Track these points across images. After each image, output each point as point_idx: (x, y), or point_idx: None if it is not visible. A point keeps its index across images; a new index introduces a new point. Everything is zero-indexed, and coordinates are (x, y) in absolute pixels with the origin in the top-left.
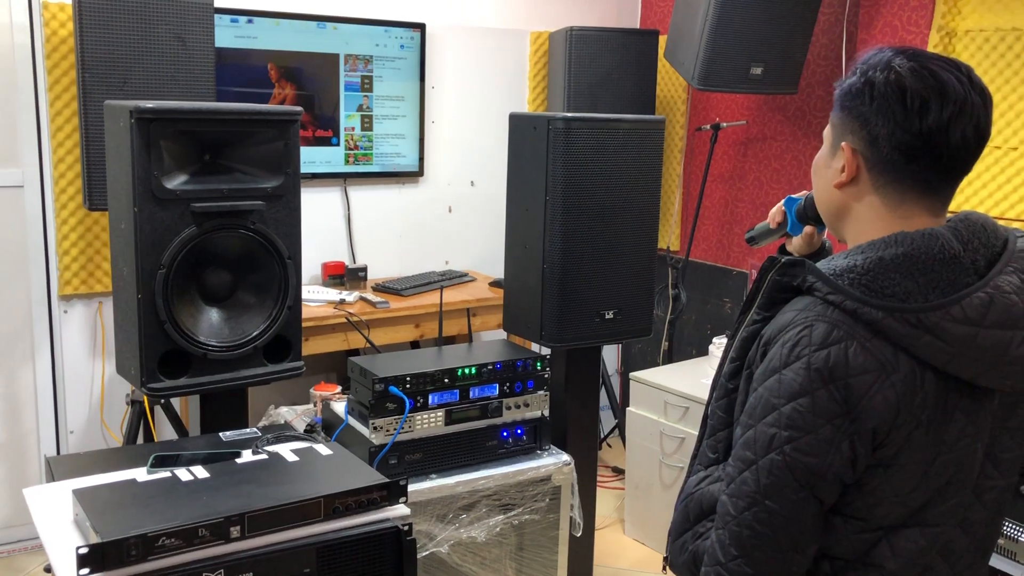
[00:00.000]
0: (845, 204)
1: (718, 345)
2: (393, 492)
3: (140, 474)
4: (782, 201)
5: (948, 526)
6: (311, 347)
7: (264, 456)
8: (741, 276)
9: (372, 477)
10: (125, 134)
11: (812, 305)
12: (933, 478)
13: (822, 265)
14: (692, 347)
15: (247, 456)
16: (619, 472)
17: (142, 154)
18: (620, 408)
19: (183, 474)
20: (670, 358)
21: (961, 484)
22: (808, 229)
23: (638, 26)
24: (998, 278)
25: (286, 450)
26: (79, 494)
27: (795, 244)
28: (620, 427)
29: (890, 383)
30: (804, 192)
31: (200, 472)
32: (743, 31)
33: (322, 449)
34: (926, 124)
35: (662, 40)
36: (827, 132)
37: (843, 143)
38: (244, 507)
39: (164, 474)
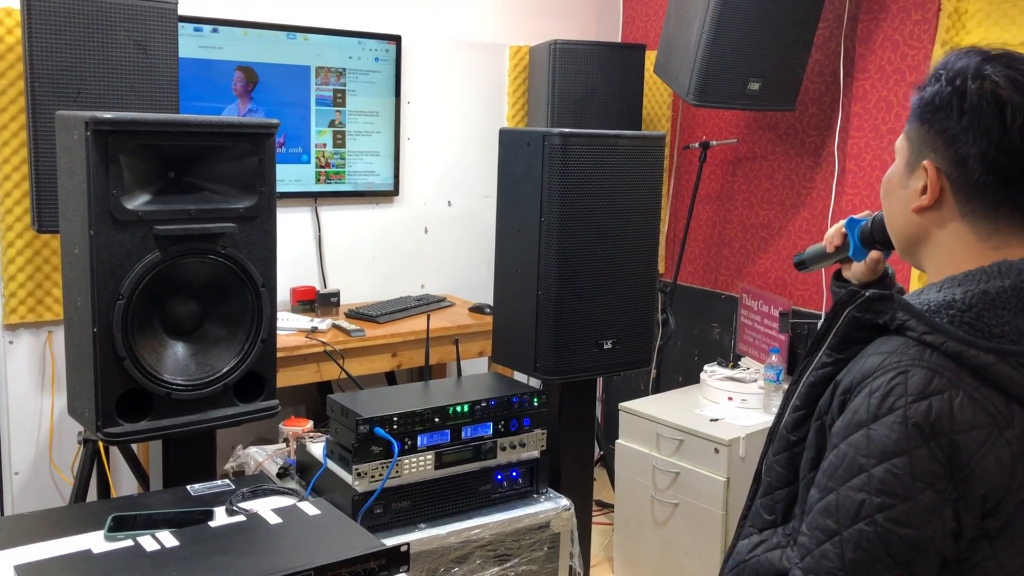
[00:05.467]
0: (925, 231)
1: (709, 373)
2: (394, 560)
3: (96, 541)
4: (842, 222)
5: None
6: (280, 379)
7: (242, 518)
8: (730, 300)
9: (368, 543)
10: (79, 148)
11: (904, 347)
12: None
13: (910, 299)
14: (679, 374)
15: (221, 517)
16: (604, 506)
17: (99, 170)
18: (603, 438)
19: (147, 542)
20: (658, 386)
21: None
22: (874, 254)
23: (620, 40)
24: None
25: (266, 509)
26: (23, 571)
27: (856, 271)
28: (605, 458)
29: (1003, 440)
30: (867, 212)
31: (167, 539)
32: (741, 45)
33: (308, 508)
34: None
35: (648, 55)
36: (901, 145)
37: (924, 161)
38: None
39: (125, 542)
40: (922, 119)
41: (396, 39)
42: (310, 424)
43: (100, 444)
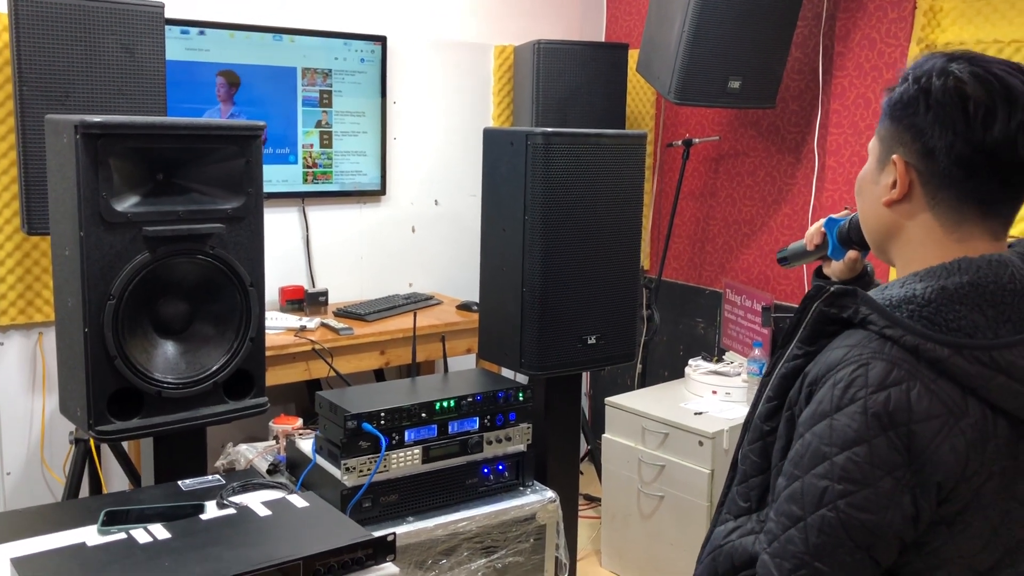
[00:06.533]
0: (895, 224)
1: (694, 367)
2: (380, 550)
3: (90, 535)
4: (821, 221)
5: None
6: (270, 378)
7: (232, 510)
8: (714, 295)
9: (355, 533)
10: (69, 151)
11: (867, 341)
12: (1003, 537)
13: (874, 294)
14: (664, 369)
15: (212, 510)
16: (591, 500)
17: (89, 173)
18: (591, 433)
19: (140, 534)
20: (643, 381)
21: None
22: (852, 254)
23: (603, 40)
24: None
25: (256, 502)
26: (19, 564)
27: (835, 268)
28: (592, 453)
29: (958, 430)
30: (846, 212)
31: (159, 531)
32: (721, 44)
33: (297, 500)
34: (991, 136)
35: (631, 54)
36: (873, 146)
37: (894, 156)
38: (213, 574)
39: (118, 535)
40: (892, 117)
41: (381, 40)
42: (299, 422)
43: (91, 443)
